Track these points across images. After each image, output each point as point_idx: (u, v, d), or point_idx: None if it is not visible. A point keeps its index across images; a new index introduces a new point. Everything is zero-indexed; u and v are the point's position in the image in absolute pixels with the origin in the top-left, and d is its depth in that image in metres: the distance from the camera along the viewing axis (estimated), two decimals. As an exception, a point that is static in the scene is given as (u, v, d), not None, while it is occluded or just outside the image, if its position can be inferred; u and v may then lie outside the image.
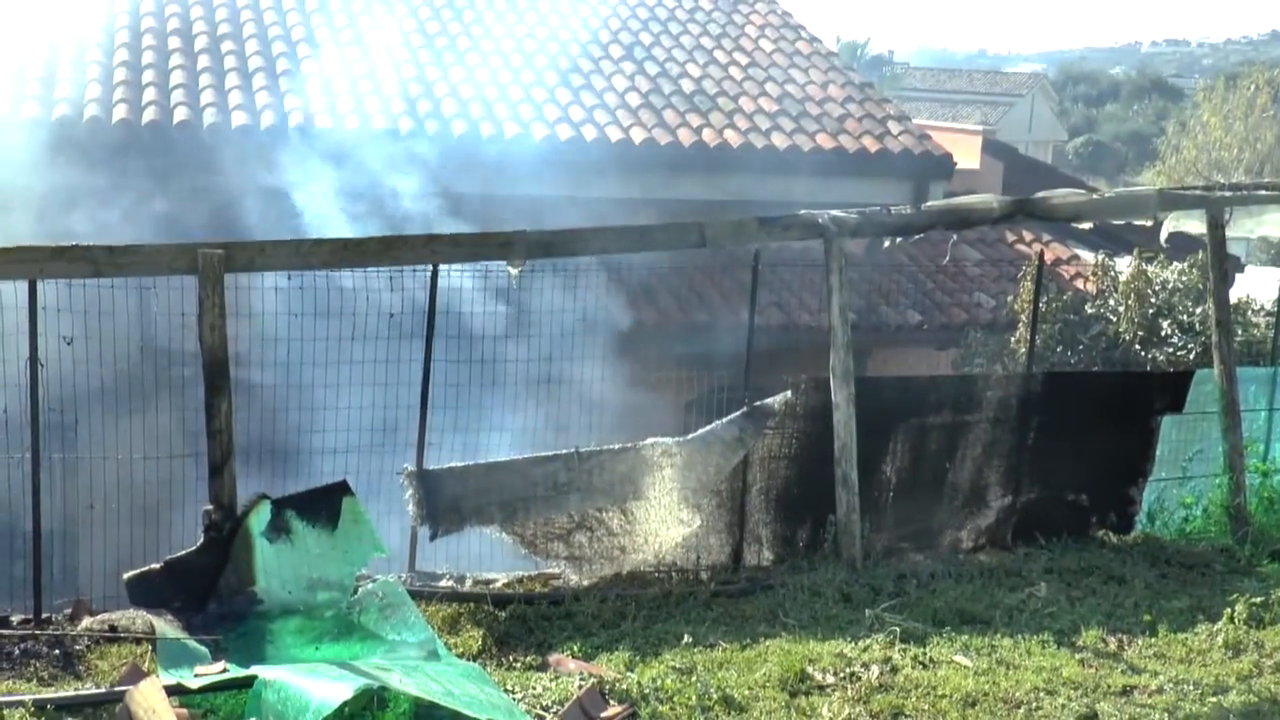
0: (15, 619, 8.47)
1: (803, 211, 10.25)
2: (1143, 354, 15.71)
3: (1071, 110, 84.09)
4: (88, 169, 14.02)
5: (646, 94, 18.34)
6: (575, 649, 8.11)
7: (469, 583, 9.43)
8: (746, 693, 7.30)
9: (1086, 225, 16.11)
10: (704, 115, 18.04)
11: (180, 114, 15.85)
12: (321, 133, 15.94)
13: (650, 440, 9.62)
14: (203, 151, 15.33)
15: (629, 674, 7.48)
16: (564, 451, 9.42)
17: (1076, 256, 20.25)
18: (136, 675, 7.37)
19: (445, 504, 9.05)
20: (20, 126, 15.03)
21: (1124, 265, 17.11)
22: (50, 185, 13.27)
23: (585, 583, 9.36)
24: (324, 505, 8.54)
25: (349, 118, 16.38)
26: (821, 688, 7.50)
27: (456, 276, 10.22)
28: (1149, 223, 11.08)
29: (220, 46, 17.81)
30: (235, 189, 14.57)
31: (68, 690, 7.33)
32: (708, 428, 9.82)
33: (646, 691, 7.18)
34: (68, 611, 8.69)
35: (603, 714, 6.96)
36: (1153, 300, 16.05)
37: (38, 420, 8.56)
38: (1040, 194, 11.05)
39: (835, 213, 10.11)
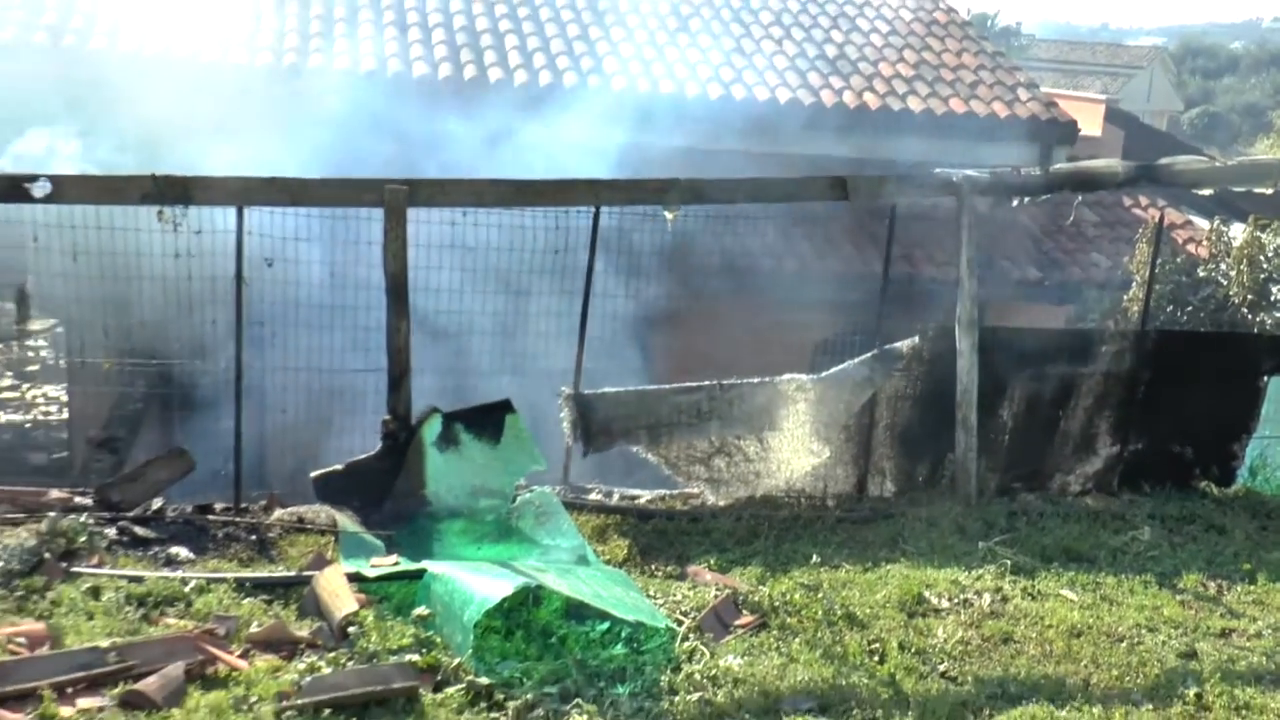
0: (218, 507, 8.75)
1: (938, 170, 10.09)
2: (1251, 317, 15.25)
3: (1189, 82, 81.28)
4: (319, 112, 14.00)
5: (793, 57, 18.09)
6: (711, 562, 8.16)
7: (616, 497, 9.54)
8: (868, 611, 7.29)
9: (1206, 192, 15.59)
10: (845, 79, 17.75)
11: (394, 65, 15.98)
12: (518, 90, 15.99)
13: (787, 376, 9.60)
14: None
15: (760, 587, 7.51)
16: (707, 383, 9.43)
17: (1190, 222, 19.67)
18: (321, 562, 7.59)
19: (598, 425, 9.14)
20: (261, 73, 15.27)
21: (1237, 232, 16.58)
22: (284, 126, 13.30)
23: (721, 503, 9.40)
24: (489, 420, 8.68)
25: (542, 73, 16.45)
26: (937, 611, 7.47)
27: (619, 219, 10.20)
28: (1269, 190, 10.71)
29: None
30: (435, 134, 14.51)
31: (263, 571, 7.56)
32: (840, 367, 9.77)
33: (776, 604, 7.21)
34: (262, 503, 8.95)
35: (736, 622, 7.01)
36: (1264, 266, 15.54)
37: (241, 333, 8.79)
38: (1164, 160, 10.74)
39: (968, 172, 9.95)
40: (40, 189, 8.06)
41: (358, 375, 10.63)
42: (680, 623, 6.83)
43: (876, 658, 6.69)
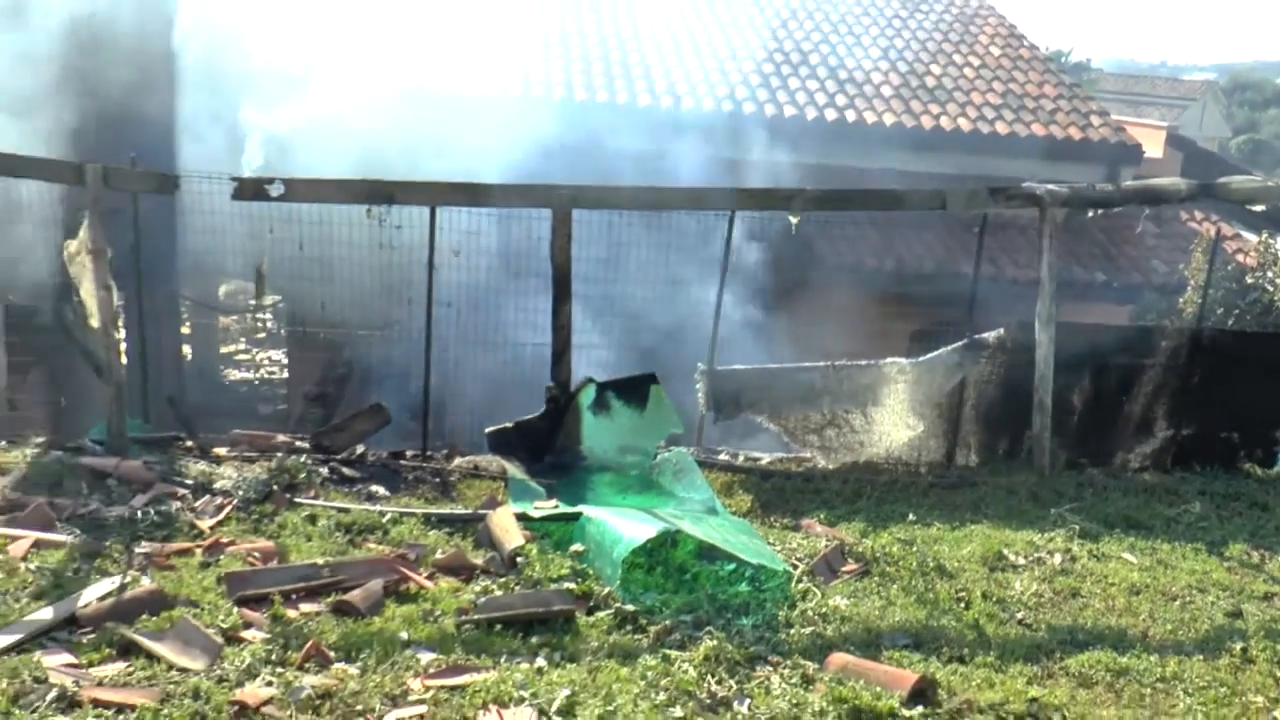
0: (409, 454, 8.88)
1: (1025, 184, 9.81)
2: (1294, 320, 14.62)
3: (1237, 114, 77.87)
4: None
5: (898, 87, 17.76)
6: (821, 517, 8.06)
7: (741, 459, 9.46)
8: (955, 564, 7.14)
9: (1258, 208, 14.92)
10: (942, 105, 17.39)
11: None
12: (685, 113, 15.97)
13: (889, 359, 9.44)
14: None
15: (864, 540, 7.40)
16: (821, 363, 9.32)
17: (1239, 235, 18.87)
18: (493, 503, 7.66)
19: (728, 397, 9.08)
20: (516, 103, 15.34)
21: (1282, 245, 15.86)
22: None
23: (830, 467, 9.28)
24: (636, 390, 8.68)
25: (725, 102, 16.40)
26: (1014, 567, 7.28)
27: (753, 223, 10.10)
28: (1315, 208, 10.27)
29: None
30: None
31: (446, 509, 7.66)
32: (934, 353, 9.57)
33: (877, 555, 7.10)
34: (445, 452, 9.05)
35: (843, 569, 6.92)
36: (1307, 274, 14.88)
37: (430, 310, 8.89)
38: (1222, 179, 10.32)
39: (1050, 187, 9.66)
40: (276, 189, 8.24)
41: (522, 347, 10.70)
42: (795, 567, 6.77)
43: (963, 604, 6.55)
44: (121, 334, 9.53)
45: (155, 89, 12.09)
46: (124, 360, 9.26)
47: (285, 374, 17.52)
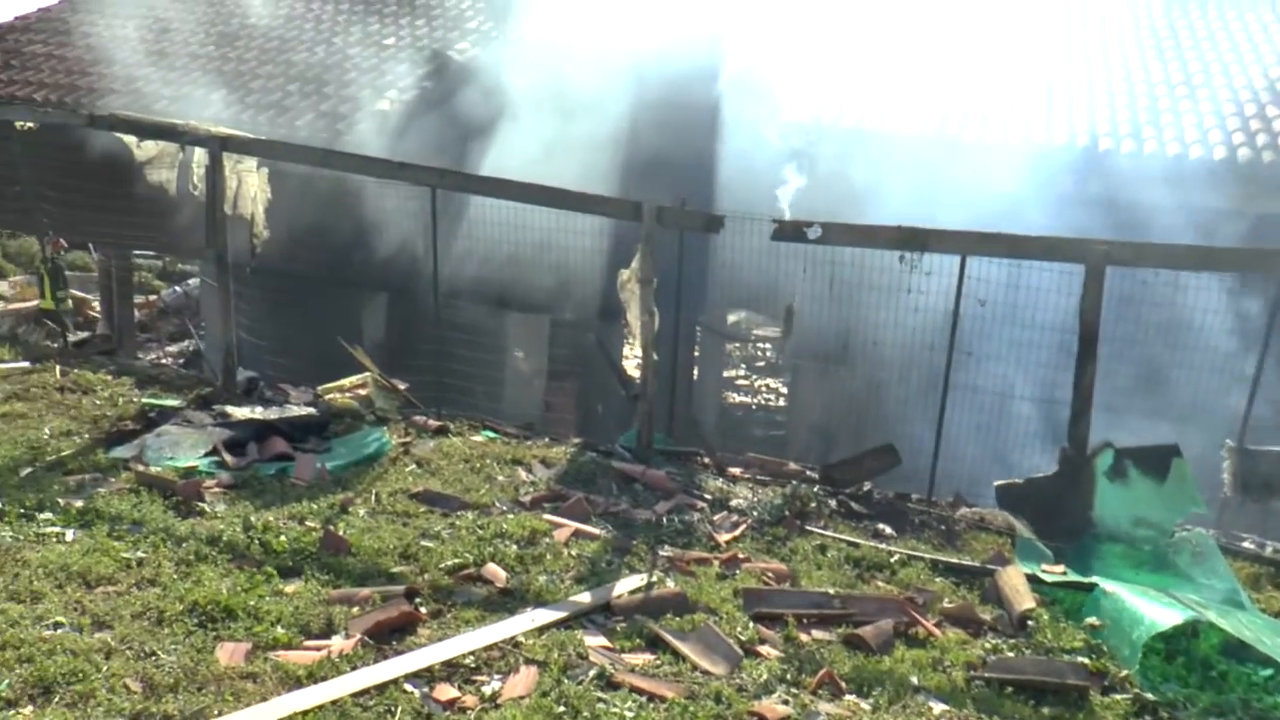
0: (914, 497, 8.73)
1: None
2: None
3: None
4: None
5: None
6: (1373, 630, 6.97)
7: (1269, 550, 8.46)
8: None
9: None
10: None
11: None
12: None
13: None
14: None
15: None
16: (1371, 452, 8.15)
17: None
18: (1000, 559, 7.35)
19: (1259, 479, 8.16)
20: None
21: None
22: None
23: (1379, 570, 8.05)
24: (1157, 460, 7.99)
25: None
26: None
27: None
28: None
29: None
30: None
31: (952, 558, 7.44)
32: None
33: None
34: (949, 500, 8.82)
35: (1401, 693, 5.95)
36: None
37: (950, 358, 8.71)
38: None
39: None
40: (814, 233, 8.43)
41: (1027, 402, 10.23)
42: (1342, 685, 5.90)
43: None
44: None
45: (699, 135, 12.80)
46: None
47: (783, 402, 17.96)
